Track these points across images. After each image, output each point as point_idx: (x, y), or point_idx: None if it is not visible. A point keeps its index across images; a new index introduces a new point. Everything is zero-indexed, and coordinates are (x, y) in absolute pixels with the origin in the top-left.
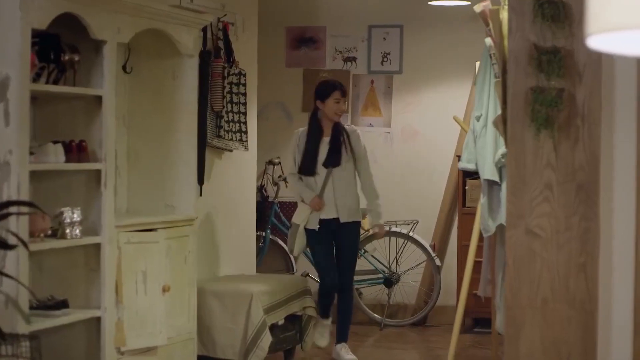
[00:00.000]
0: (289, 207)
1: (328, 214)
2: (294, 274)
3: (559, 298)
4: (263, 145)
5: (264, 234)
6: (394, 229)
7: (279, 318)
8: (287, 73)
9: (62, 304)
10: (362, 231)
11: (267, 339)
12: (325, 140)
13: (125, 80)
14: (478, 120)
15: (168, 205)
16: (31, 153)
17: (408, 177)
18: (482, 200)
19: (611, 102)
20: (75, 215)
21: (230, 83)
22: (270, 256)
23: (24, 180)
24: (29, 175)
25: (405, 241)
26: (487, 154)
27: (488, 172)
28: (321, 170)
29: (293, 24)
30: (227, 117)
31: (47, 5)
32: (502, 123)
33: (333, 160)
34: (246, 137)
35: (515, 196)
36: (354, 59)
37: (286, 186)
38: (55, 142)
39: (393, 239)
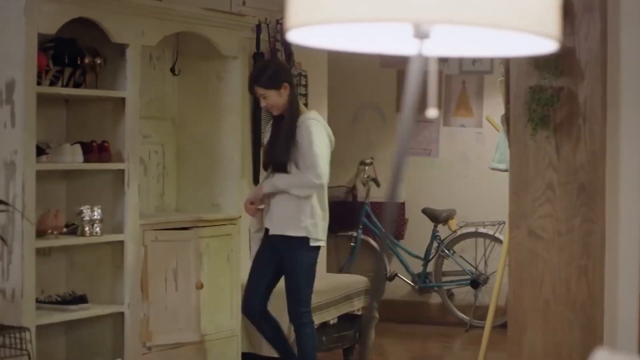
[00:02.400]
0: (381, 208)
1: (265, 222)
2: (385, 274)
3: (560, 300)
4: (358, 146)
5: (355, 234)
6: (480, 229)
7: (329, 317)
8: (381, 74)
9: (80, 299)
10: (448, 232)
11: None
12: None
13: (174, 82)
14: None
15: (214, 204)
16: (45, 153)
17: (498, 178)
18: None
19: (616, 101)
20: (95, 214)
21: None
22: (362, 256)
23: (29, 179)
24: (35, 175)
25: (492, 242)
26: None
27: None
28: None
29: None
30: None
31: (56, 10)
32: (506, 123)
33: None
34: None
35: (517, 196)
36: (446, 59)
37: (377, 186)
38: (75, 143)
39: (480, 240)
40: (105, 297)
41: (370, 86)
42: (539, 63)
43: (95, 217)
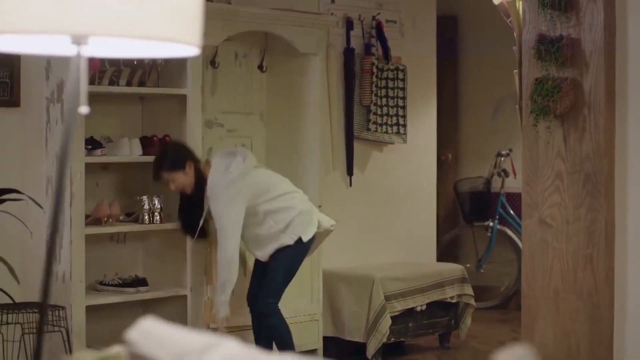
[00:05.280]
0: (516, 199)
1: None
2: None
3: (568, 289)
4: (498, 138)
5: (491, 224)
6: None
7: (415, 304)
8: None
9: (139, 283)
10: None
11: (386, 322)
12: None
13: (262, 78)
14: None
15: None
16: (102, 147)
17: None
18: None
19: (624, 90)
20: (155, 203)
21: (386, 78)
22: (498, 246)
23: (77, 170)
24: (84, 167)
25: None
26: None
27: None
28: None
29: None
30: (381, 111)
31: None
32: (519, 114)
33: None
34: (404, 130)
35: (529, 186)
36: None
37: (506, 177)
38: (134, 137)
39: None
40: (174, 281)
41: (510, 79)
42: (540, 54)
43: (156, 206)
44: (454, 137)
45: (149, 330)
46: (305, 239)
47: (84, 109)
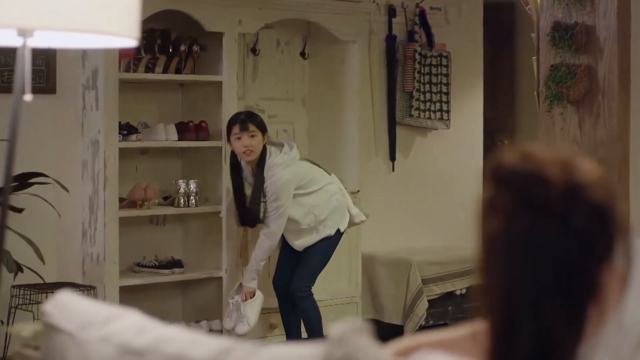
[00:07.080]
0: None
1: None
2: None
3: None
4: None
5: None
6: None
7: (454, 287)
8: None
9: (174, 264)
10: None
11: (423, 305)
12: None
13: (305, 65)
14: None
15: (338, 178)
16: (138, 132)
17: None
18: None
19: (638, 77)
20: (191, 187)
21: (429, 65)
22: None
23: (110, 155)
24: (118, 151)
25: None
26: None
27: None
28: None
29: None
30: (424, 97)
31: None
32: (537, 100)
33: (249, 219)
34: (448, 116)
35: None
36: None
37: None
38: (170, 123)
39: None
40: (212, 263)
41: None
42: (555, 41)
43: (192, 190)
44: (510, 123)
45: (62, 303)
46: (342, 229)
47: (28, 97)
